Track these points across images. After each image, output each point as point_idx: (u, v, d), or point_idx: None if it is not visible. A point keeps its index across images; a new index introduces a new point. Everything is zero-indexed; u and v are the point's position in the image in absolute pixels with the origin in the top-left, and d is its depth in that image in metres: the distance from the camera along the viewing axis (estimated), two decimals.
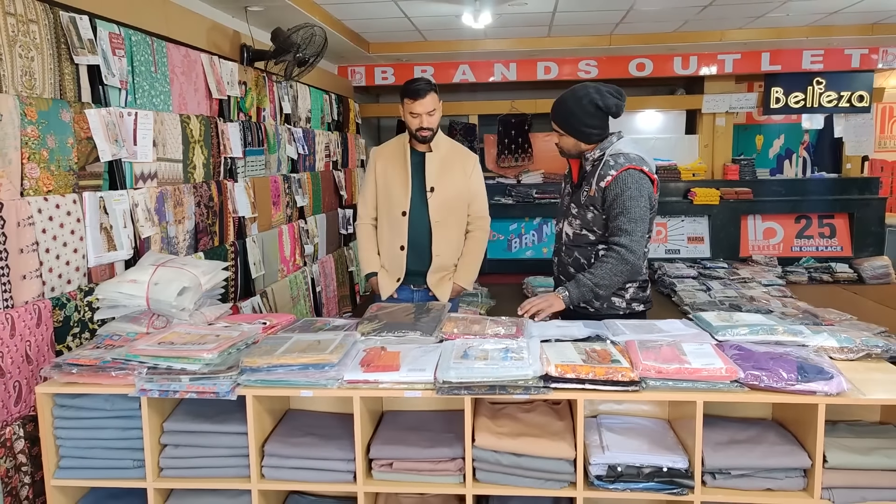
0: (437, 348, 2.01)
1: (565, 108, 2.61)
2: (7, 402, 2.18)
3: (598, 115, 2.58)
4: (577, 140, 2.64)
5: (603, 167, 2.55)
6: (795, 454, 1.84)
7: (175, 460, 1.93)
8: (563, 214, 2.79)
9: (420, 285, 3.16)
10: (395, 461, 1.90)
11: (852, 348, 2.08)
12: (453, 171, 3.15)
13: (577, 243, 2.67)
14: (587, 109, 2.56)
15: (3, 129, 2.24)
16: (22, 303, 2.28)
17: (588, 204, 2.60)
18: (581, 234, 2.65)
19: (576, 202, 2.67)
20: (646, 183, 2.54)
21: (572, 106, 2.59)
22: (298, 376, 1.83)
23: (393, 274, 3.15)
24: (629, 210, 2.48)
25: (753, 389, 1.82)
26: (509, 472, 1.87)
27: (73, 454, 1.93)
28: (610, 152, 2.57)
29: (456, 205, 3.14)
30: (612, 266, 2.49)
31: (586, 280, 2.50)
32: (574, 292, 2.50)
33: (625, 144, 2.61)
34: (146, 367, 1.84)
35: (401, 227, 3.09)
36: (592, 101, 2.55)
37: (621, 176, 2.50)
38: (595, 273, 2.50)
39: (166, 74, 3.34)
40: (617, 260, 2.49)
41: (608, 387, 1.82)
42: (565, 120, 2.62)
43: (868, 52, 7.37)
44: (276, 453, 1.92)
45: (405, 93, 3.07)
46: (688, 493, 1.83)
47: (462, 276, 3.18)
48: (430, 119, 3.04)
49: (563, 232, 2.76)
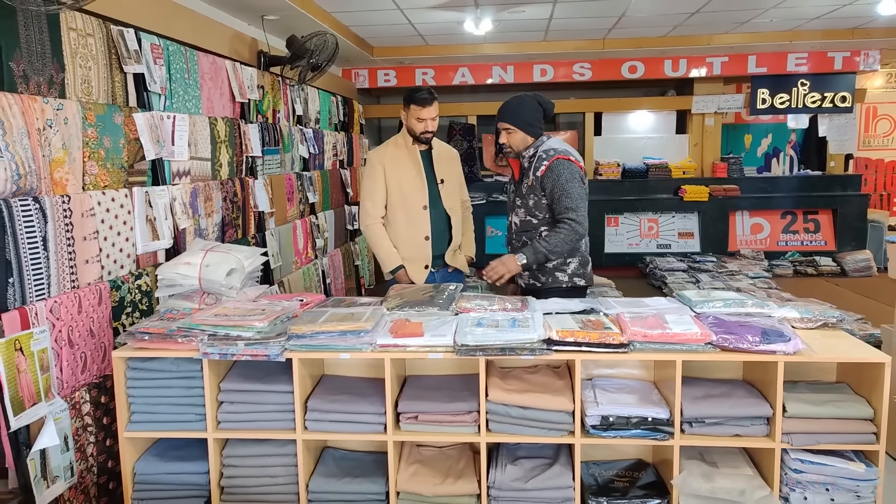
0: (454, 319, 2.33)
1: (514, 108, 3.10)
2: (76, 370, 2.49)
3: (539, 112, 3.10)
4: (525, 134, 3.08)
5: (537, 161, 3.02)
6: (759, 405, 2.16)
7: (230, 415, 2.24)
8: (510, 209, 3.24)
9: (438, 266, 3.54)
10: (420, 414, 2.22)
11: (812, 318, 2.41)
12: (450, 165, 3.62)
13: (524, 229, 3.11)
14: (532, 106, 3.08)
15: (68, 131, 2.55)
16: (85, 284, 2.59)
17: (529, 193, 3.05)
18: (526, 220, 3.09)
19: (519, 195, 3.12)
20: (575, 169, 3.01)
21: (520, 105, 3.09)
22: (338, 341, 2.15)
23: (420, 262, 3.48)
24: (569, 191, 2.94)
25: (724, 350, 2.14)
26: (518, 423, 2.19)
27: (143, 410, 2.24)
28: (542, 148, 3.05)
29: (458, 192, 3.62)
30: (564, 235, 2.91)
31: (541, 247, 2.93)
32: (530, 256, 2.93)
33: (553, 142, 3.09)
34: (207, 335, 2.15)
35: (423, 220, 3.45)
36: (535, 100, 3.10)
37: (553, 164, 2.97)
38: (549, 241, 2.93)
39: (197, 80, 3.65)
40: (568, 230, 2.91)
41: (601, 349, 2.14)
42: (517, 117, 3.07)
43: (850, 54, 7.72)
44: (318, 408, 2.23)
45: (413, 100, 3.43)
46: (669, 438, 2.16)
47: (469, 249, 3.69)
48: (433, 123, 3.46)
49: (511, 223, 3.21)
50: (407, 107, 3.47)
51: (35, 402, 2.21)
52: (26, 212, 2.27)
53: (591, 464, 2.43)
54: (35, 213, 2.30)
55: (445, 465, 2.34)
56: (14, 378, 2.13)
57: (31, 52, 2.40)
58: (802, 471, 2.12)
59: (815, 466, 2.12)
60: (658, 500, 2.20)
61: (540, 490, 2.20)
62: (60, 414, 2.31)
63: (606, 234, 8.03)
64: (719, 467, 2.26)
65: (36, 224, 2.31)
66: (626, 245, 8.14)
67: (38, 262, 2.33)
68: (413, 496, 2.25)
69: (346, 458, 2.44)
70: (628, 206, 8.02)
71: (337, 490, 2.26)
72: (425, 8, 5.41)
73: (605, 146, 8.45)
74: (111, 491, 2.64)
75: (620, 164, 8.06)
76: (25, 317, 2.23)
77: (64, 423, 2.34)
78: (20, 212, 2.24)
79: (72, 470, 2.39)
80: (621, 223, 8.14)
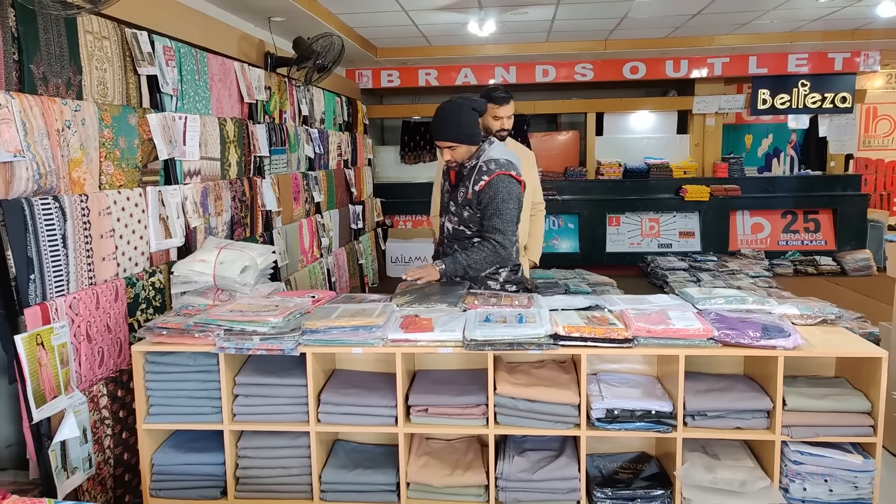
0: (463, 315, 2.39)
1: (454, 123, 2.87)
2: (93, 365, 2.55)
3: (476, 117, 2.93)
4: (468, 146, 2.91)
5: (477, 173, 2.89)
6: (760, 399, 2.22)
7: (245, 407, 2.30)
8: (444, 210, 3.13)
9: None
10: (430, 407, 2.28)
11: (811, 315, 2.47)
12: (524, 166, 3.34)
13: (456, 237, 3.03)
14: (469, 114, 2.89)
15: (86, 131, 2.61)
16: (102, 281, 2.65)
17: (465, 204, 2.94)
18: (459, 229, 3.01)
19: (454, 201, 3.01)
20: (515, 186, 2.90)
21: (459, 119, 2.87)
22: (350, 336, 2.21)
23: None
24: (502, 212, 2.84)
25: (725, 346, 2.20)
26: (525, 416, 2.26)
27: (161, 402, 2.30)
28: (483, 159, 2.91)
29: (529, 193, 3.54)
30: (486, 255, 2.86)
31: (462, 259, 2.86)
32: (449, 266, 2.84)
33: (496, 151, 2.96)
34: (223, 330, 2.22)
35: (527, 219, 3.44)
36: (469, 107, 2.91)
37: (493, 181, 2.84)
38: (470, 256, 2.86)
39: (207, 82, 3.71)
40: (491, 252, 2.85)
41: (607, 344, 2.20)
42: (459, 132, 2.87)
43: (850, 55, 7.78)
44: (330, 401, 2.30)
45: (490, 99, 3.39)
46: (672, 430, 2.22)
47: (533, 253, 3.68)
48: (509, 122, 3.47)
49: (444, 226, 3.13)
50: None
51: (55, 395, 2.28)
52: (46, 210, 2.33)
53: (596, 456, 2.50)
54: (55, 212, 2.37)
55: (454, 457, 2.40)
56: (36, 371, 2.19)
57: (51, 54, 2.47)
58: (802, 462, 2.18)
59: (814, 458, 2.18)
60: (661, 490, 2.26)
61: (547, 481, 2.26)
62: (79, 407, 2.38)
63: (608, 234, 8.10)
64: (721, 459, 2.32)
65: (56, 222, 2.37)
66: (628, 244, 8.20)
67: (58, 259, 2.39)
68: (423, 487, 2.31)
69: (357, 450, 2.51)
70: (630, 206, 8.08)
71: (349, 481, 2.32)
72: (430, 10, 5.47)
73: (606, 146, 8.51)
74: (127, 482, 2.71)
75: (622, 164, 8.12)
76: (46, 312, 2.29)
77: (83, 416, 2.41)
78: (41, 210, 2.30)
79: (90, 461, 2.45)
80: (623, 223, 8.20)
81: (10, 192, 2.21)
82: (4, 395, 2.37)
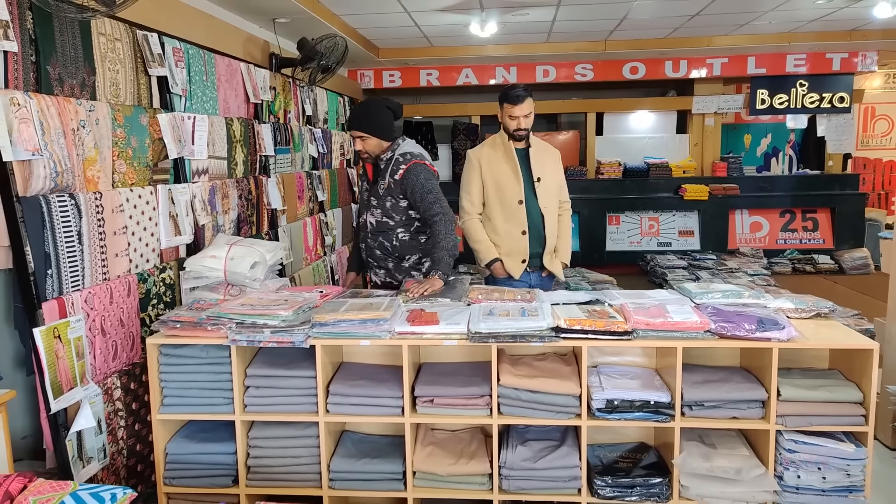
0: (467, 309, 2.47)
1: (366, 116, 3.14)
2: (107, 358, 2.62)
3: (390, 116, 3.21)
4: (379, 140, 3.15)
5: (394, 164, 3.12)
6: (755, 389, 2.29)
7: (256, 398, 2.37)
8: (364, 207, 3.28)
9: (535, 267, 3.56)
10: (436, 398, 2.35)
11: (805, 309, 2.54)
12: (549, 164, 3.61)
13: (381, 230, 3.17)
14: (383, 111, 3.18)
15: (99, 131, 2.68)
16: (115, 276, 2.72)
17: (386, 195, 3.12)
18: (382, 221, 3.15)
19: (375, 195, 3.17)
20: (430, 172, 3.15)
21: (371, 112, 3.15)
22: (358, 329, 2.28)
23: (517, 256, 3.51)
24: (430, 189, 3.05)
25: (722, 338, 2.27)
26: (528, 406, 2.33)
27: (174, 394, 2.37)
28: (399, 152, 3.14)
29: (555, 192, 3.61)
30: (442, 229, 2.99)
31: (439, 255, 2.95)
32: (442, 266, 2.92)
33: (409, 146, 3.20)
34: (235, 323, 2.29)
35: (520, 215, 3.47)
36: (384, 105, 3.20)
37: (411, 168, 3.08)
38: (438, 246, 2.97)
39: (214, 82, 3.78)
40: (442, 224, 2.99)
41: (607, 336, 2.27)
42: (369, 124, 3.12)
43: (848, 55, 7.84)
44: (339, 392, 2.37)
45: (506, 98, 3.52)
46: (670, 420, 2.29)
47: (564, 255, 3.67)
48: (526, 121, 3.50)
49: (366, 222, 3.25)
50: (501, 105, 3.56)
51: (72, 386, 2.35)
52: (63, 208, 2.40)
53: (596, 447, 2.57)
54: (71, 209, 2.44)
55: (458, 447, 2.47)
56: (53, 363, 2.26)
57: (66, 56, 2.54)
58: (796, 451, 2.25)
59: (808, 447, 2.25)
60: (660, 478, 2.33)
61: (548, 469, 2.33)
62: (95, 398, 2.45)
63: (608, 233, 8.16)
64: (717, 448, 2.39)
65: (72, 219, 2.44)
66: (627, 243, 8.27)
67: (74, 255, 2.46)
68: (429, 475, 2.38)
69: (364, 440, 2.58)
70: (629, 205, 8.15)
71: (357, 469, 2.39)
72: (432, 11, 5.54)
73: (606, 146, 8.58)
74: (139, 473, 2.78)
75: (621, 164, 8.18)
76: (63, 306, 2.36)
77: (98, 408, 2.48)
78: (57, 207, 2.38)
79: (104, 451, 2.53)
80: (622, 222, 8.27)
81: (28, 190, 2.28)
82: (20, 388, 2.44)
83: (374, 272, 3.26)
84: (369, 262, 3.29)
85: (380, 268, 3.20)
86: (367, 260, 3.30)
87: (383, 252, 3.20)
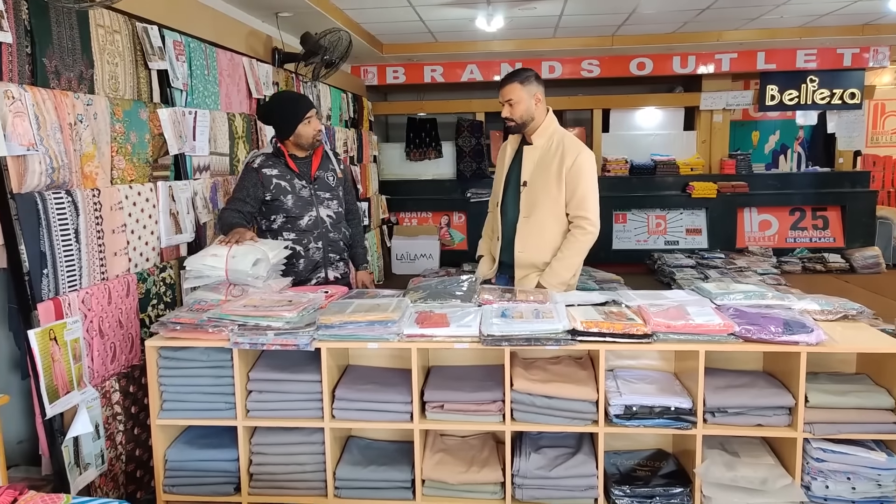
0: (478, 310, 2.36)
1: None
2: (105, 360, 2.53)
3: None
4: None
5: (335, 156, 3.29)
6: (782, 395, 2.19)
7: (259, 403, 2.28)
8: (310, 205, 3.05)
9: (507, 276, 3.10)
10: (446, 403, 2.25)
11: (832, 310, 2.44)
12: (551, 166, 2.91)
13: (340, 220, 3.23)
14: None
15: (98, 125, 2.59)
16: (114, 276, 2.63)
17: (338, 186, 3.21)
18: (339, 211, 3.21)
19: (324, 189, 3.14)
20: None
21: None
22: (365, 331, 2.18)
23: (489, 261, 3.16)
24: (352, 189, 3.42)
25: (746, 341, 2.17)
26: (542, 412, 2.23)
27: (174, 398, 2.28)
28: (326, 147, 3.27)
29: (546, 201, 2.90)
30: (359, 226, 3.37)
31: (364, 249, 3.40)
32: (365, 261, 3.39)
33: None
34: (237, 325, 2.19)
35: (497, 219, 3.06)
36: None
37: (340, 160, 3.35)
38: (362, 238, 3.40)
39: (216, 77, 3.69)
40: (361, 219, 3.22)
41: (626, 339, 2.17)
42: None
43: (859, 51, 7.72)
44: (345, 397, 2.27)
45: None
46: (692, 427, 2.19)
47: (546, 276, 2.89)
48: (510, 109, 2.94)
49: (319, 217, 3.08)
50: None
51: (68, 390, 2.26)
52: (59, 205, 2.31)
53: (613, 454, 2.46)
54: (68, 206, 2.35)
55: (469, 454, 2.37)
56: (49, 367, 2.17)
57: (63, 48, 2.44)
58: (824, 460, 2.15)
59: (837, 455, 2.15)
60: (681, 488, 2.23)
61: (564, 478, 2.23)
62: (92, 402, 2.36)
63: (614, 231, 8.06)
64: (741, 457, 2.29)
65: (69, 217, 2.35)
66: (634, 241, 8.17)
67: (71, 254, 2.37)
68: (439, 483, 2.28)
69: (371, 447, 2.48)
70: (636, 203, 8.05)
71: (364, 477, 2.30)
72: (438, 5, 5.44)
73: (612, 143, 8.47)
74: (139, 479, 2.69)
75: (628, 161, 8.08)
76: (59, 307, 2.27)
77: (95, 412, 2.39)
78: (54, 204, 2.28)
79: (102, 457, 2.44)
80: (629, 219, 8.17)
81: (23, 186, 2.19)
82: (15, 392, 2.35)
83: (334, 266, 3.18)
84: (330, 258, 3.14)
85: (340, 260, 3.22)
86: (329, 256, 3.13)
87: (346, 243, 3.26)
